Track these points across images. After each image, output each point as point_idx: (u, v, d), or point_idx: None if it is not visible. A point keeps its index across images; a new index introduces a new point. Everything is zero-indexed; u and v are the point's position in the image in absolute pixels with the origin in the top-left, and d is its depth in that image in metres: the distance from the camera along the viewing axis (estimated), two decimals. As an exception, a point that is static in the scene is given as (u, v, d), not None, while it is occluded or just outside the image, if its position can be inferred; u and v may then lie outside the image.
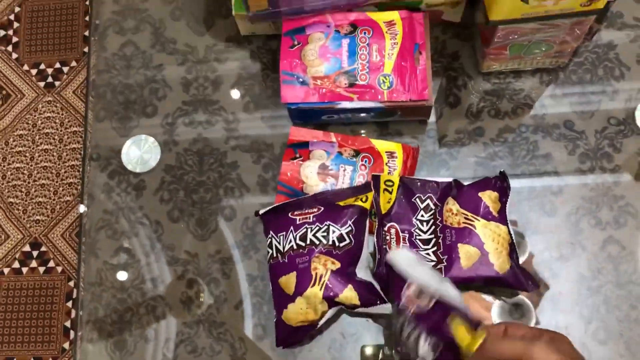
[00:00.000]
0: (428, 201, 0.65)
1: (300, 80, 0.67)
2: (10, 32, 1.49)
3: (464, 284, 0.61)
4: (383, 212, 0.66)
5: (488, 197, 0.64)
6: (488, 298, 0.65)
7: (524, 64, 0.71)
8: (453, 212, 0.63)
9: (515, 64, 0.71)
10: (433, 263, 0.62)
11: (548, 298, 0.65)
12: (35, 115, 1.44)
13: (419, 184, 0.66)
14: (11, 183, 1.40)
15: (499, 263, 0.61)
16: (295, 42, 0.69)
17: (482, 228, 0.62)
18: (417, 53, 0.67)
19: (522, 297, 0.65)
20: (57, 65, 1.47)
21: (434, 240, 0.63)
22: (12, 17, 1.50)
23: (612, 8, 0.73)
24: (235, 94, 0.75)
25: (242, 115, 0.74)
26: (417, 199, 0.66)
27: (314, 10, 0.69)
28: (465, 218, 0.63)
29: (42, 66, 1.47)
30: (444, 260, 0.62)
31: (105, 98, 0.76)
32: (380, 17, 0.69)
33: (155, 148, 0.74)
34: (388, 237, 0.64)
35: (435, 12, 0.71)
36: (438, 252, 0.62)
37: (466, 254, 0.61)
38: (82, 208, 0.73)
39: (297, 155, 0.69)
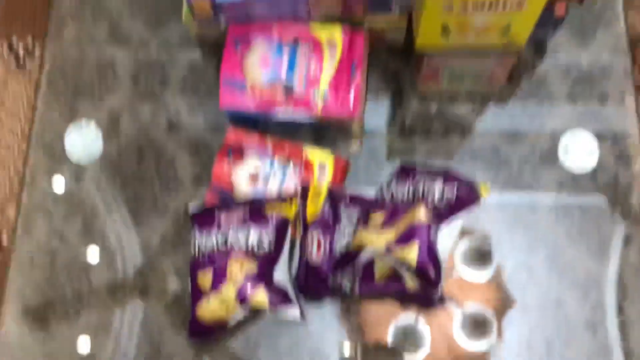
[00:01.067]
0: (352, 213, 0.68)
1: (239, 86, 0.70)
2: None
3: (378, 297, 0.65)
4: (309, 221, 0.68)
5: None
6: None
7: (457, 88, 0.73)
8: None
9: (450, 88, 0.73)
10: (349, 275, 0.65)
11: (514, 313, 0.67)
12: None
13: (345, 196, 0.69)
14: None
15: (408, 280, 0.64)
16: (238, 50, 0.71)
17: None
18: (353, 71, 0.70)
19: (484, 311, 0.67)
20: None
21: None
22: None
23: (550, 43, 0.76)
24: (181, 92, 0.78)
25: (185, 114, 0.77)
26: (342, 211, 0.68)
27: (259, 18, 0.71)
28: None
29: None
30: (359, 273, 0.65)
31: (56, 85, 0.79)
32: (322, 33, 0.71)
33: (99, 139, 0.76)
34: (309, 245, 0.67)
35: (379, 33, 0.73)
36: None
37: (380, 269, 0.64)
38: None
39: (231, 158, 0.71)
